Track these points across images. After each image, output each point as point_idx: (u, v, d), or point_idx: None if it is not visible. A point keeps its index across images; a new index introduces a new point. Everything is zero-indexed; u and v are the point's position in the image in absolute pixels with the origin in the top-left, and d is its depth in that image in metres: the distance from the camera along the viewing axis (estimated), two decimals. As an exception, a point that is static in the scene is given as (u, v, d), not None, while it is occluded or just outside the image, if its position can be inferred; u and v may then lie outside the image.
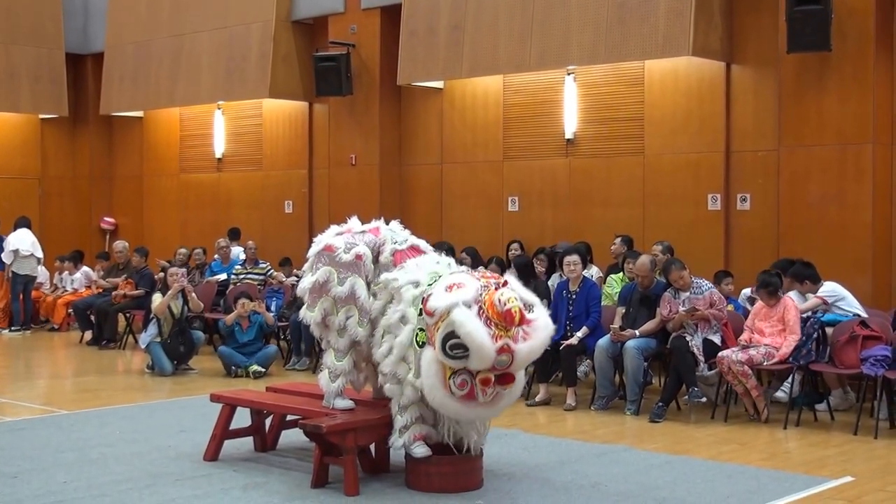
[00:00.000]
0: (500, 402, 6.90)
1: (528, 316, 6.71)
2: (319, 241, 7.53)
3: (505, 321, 6.56)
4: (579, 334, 10.40)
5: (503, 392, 6.81)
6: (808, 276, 10.28)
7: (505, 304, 6.57)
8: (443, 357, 6.60)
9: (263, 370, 12.29)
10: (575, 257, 10.74)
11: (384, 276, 7.29)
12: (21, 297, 16.68)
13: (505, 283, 6.85)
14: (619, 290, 11.20)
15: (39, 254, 16.84)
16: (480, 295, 6.66)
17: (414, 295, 6.97)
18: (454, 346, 6.53)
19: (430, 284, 6.96)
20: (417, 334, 6.87)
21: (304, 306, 7.56)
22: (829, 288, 10.18)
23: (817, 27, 11.09)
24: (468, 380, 6.63)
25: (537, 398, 10.43)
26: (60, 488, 7.17)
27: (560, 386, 10.79)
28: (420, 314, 6.83)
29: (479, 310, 6.59)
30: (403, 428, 7.03)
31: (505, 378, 6.71)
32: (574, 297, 10.62)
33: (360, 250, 7.38)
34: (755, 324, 9.87)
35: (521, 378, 7.03)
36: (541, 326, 6.74)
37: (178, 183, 18.74)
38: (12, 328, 16.57)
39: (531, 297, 6.95)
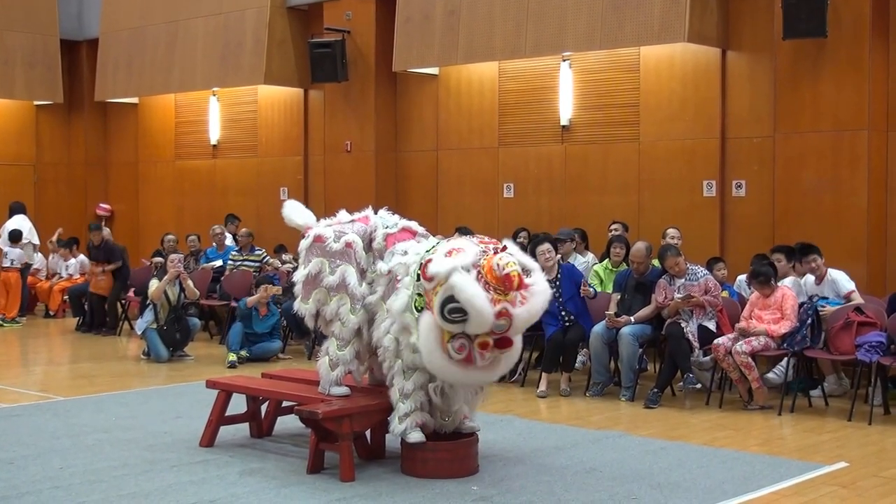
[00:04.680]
0: (497, 366, 6.96)
1: (527, 280, 6.74)
2: (310, 234, 7.54)
3: (503, 286, 6.59)
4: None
5: (501, 356, 6.87)
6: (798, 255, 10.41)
7: (503, 269, 6.60)
8: (441, 321, 6.62)
9: (237, 364, 12.05)
10: (547, 245, 10.59)
11: (381, 265, 7.30)
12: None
13: (504, 248, 6.85)
14: (602, 277, 11.28)
15: (36, 240, 16.85)
16: (479, 259, 6.69)
17: (415, 269, 6.99)
18: (453, 310, 6.55)
19: (428, 251, 6.99)
20: (416, 300, 6.88)
21: (298, 299, 7.56)
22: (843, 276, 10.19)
23: (813, 13, 11.08)
24: (466, 344, 6.67)
25: (544, 388, 10.41)
26: (57, 474, 7.18)
27: (555, 372, 10.80)
28: (418, 279, 6.85)
29: (477, 274, 6.61)
30: (405, 415, 7.05)
31: (503, 342, 6.76)
32: (558, 283, 10.49)
33: (350, 238, 7.40)
34: (754, 312, 9.86)
35: (518, 343, 7.06)
36: (538, 291, 6.79)
37: (174, 169, 18.72)
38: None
39: (530, 262, 6.99)
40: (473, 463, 7.25)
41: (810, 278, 10.33)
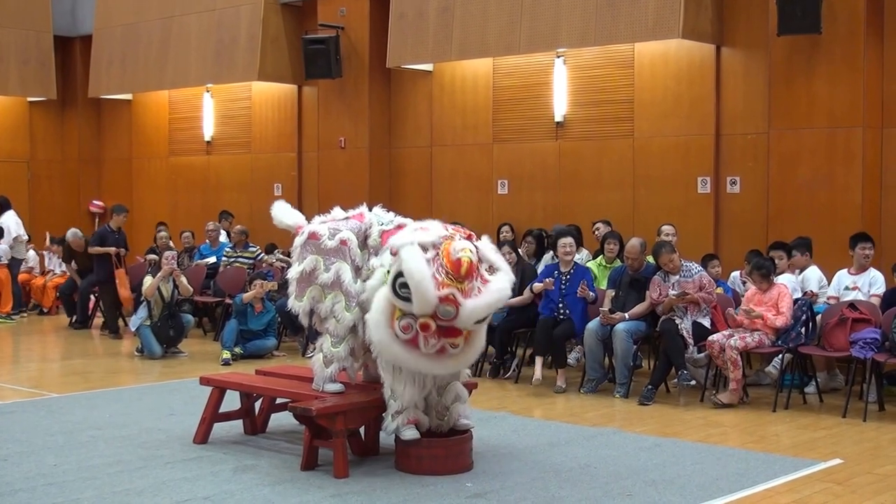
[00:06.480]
0: (446, 359, 6.86)
1: (487, 276, 6.78)
2: (304, 231, 7.52)
3: (454, 270, 6.60)
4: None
5: (451, 349, 6.80)
6: (805, 247, 10.43)
7: (457, 253, 6.63)
8: (392, 296, 6.67)
9: (231, 362, 12.00)
10: (570, 239, 10.78)
11: (374, 261, 7.28)
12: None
13: (470, 237, 6.88)
14: (596, 274, 11.29)
15: (21, 233, 16.80)
16: (440, 241, 6.73)
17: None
18: (402, 284, 6.60)
19: (383, 224, 7.16)
20: (385, 276, 6.91)
21: (293, 296, 7.54)
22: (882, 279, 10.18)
23: (808, 10, 11.08)
24: (412, 324, 6.68)
25: (539, 374, 10.40)
26: (50, 471, 7.16)
27: (550, 369, 10.80)
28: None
29: (435, 255, 6.67)
30: (396, 412, 7.04)
31: (450, 331, 6.71)
32: (567, 277, 10.58)
33: (345, 235, 7.37)
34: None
35: (476, 342, 7.03)
36: (495, 290, 6.80)
37: (168, 166, 18.69)
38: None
39: (500, 261, 7.02)
40: (468, 459, 7.25)
41: (813, 273, 10.36)
